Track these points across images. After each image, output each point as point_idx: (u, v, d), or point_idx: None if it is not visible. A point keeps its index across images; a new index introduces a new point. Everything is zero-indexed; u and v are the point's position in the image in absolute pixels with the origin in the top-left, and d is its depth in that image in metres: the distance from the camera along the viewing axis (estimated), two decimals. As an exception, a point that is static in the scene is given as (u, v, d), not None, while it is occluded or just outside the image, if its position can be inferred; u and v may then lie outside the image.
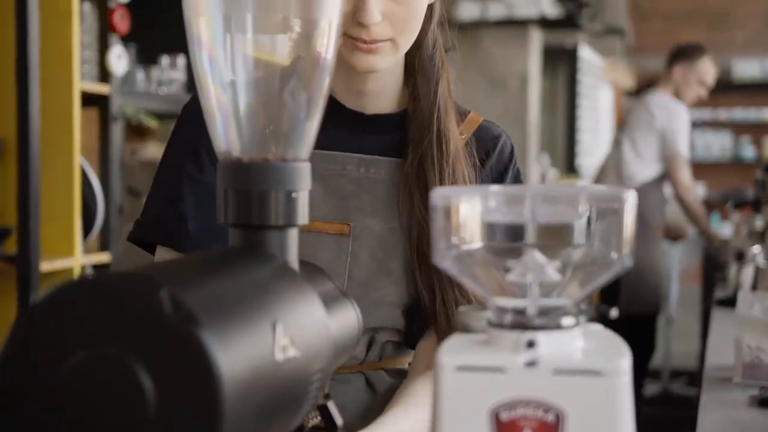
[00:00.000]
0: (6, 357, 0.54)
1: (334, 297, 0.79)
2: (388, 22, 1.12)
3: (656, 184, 4.18)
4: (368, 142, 1.21)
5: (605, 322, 4.18)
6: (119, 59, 2.65)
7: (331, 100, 1.21)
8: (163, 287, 0.54)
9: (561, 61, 7.01)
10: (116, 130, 2.68)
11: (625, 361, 0.60)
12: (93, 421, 0.52)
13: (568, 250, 0.65)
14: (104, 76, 2.66)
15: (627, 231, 0.63)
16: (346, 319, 0.79)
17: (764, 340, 1.83)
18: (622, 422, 0.59)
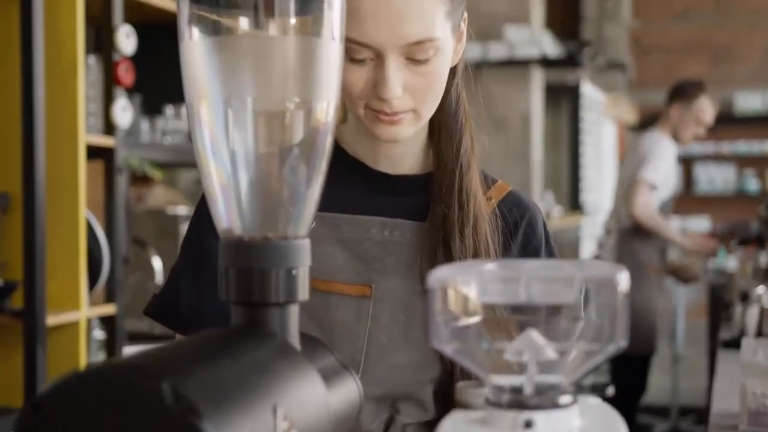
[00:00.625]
0: (12, 451, 0.55)
1: (335, 371, 0.79)
2: (410, 94, 1.11)
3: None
4: (393, 204, 1.21)
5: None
6: (124, 111, 2.68)
7: (358, 163, 1.22)
8: (164, 380, 0.55)
9: (563, 98, 7.05)
10: (121, 182, 2.70)
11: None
12: None
13: (564, 329, 0.66)
14: (109, 128, 2.68)
15: (621, 310, 0.64)
16: (347, 393, 0.79)
17: (769, 386, 1.83)
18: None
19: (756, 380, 1.82)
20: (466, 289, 0.66)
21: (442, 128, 1.21)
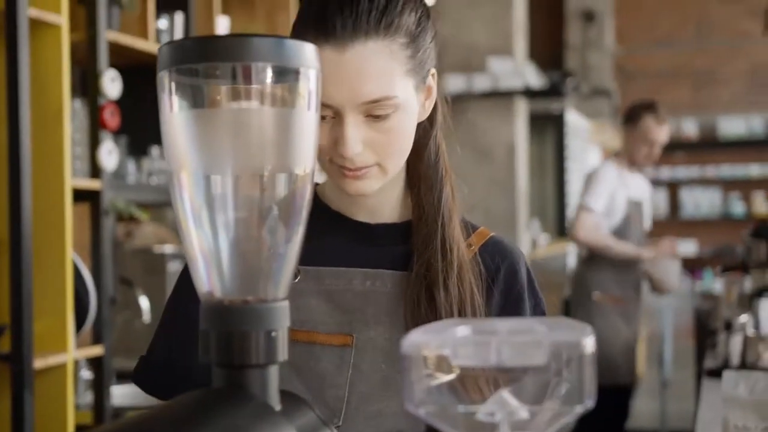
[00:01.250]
0: None
1: (315, 428, 0.82)
2: (371, 150, 1.13)
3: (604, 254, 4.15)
4: (375, 254, 1.22)
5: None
6: (110, 155, 2.70)
7: (339, 216, 1.24)
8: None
9: (548, 127, 7.11)
10: (107, 224, 2.72)
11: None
12: None
13: (535, 390, 0.68)
14: (95, 171, 2.71)
15: (587, 372, 0.67)
16: (327, 450, 0.81)
17: (750, 419, 1.85)
18: None
19: (738, 413, 1.84)
20: (439, 353, 0.68)
21: (422, 180, 1.22)
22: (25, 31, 2.39)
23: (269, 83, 0.76)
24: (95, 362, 2.80)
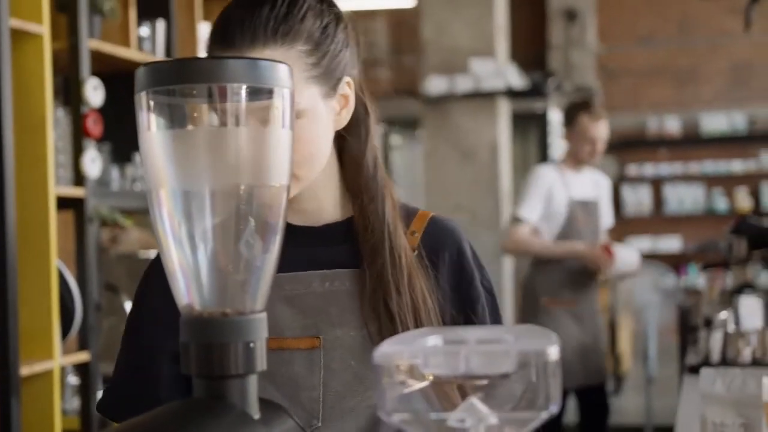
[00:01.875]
0: None
1: (294, 435, 0.84)
2: None
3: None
4: (326, 255, 1.25)
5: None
6: (93, 162, 2.72)
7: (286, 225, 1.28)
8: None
9: (531, 126, 7.15)
10: (92, 232, 2.74)
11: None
12: None
13: (503, 397, 0.71)
14: (79, 179, 2.72)
15: (552, 379, 0.70)
16: (305, 456, 0.84)
17: (727, 416, 1.88)
18: None
19: (715, 409, 1.87)
20: (411, 362, 0.71)
21: (363, 192, 1.25)
22: (7, 42, 2.41)
23: (244, 102, 0.78)
24: (82, 368, 2.82)
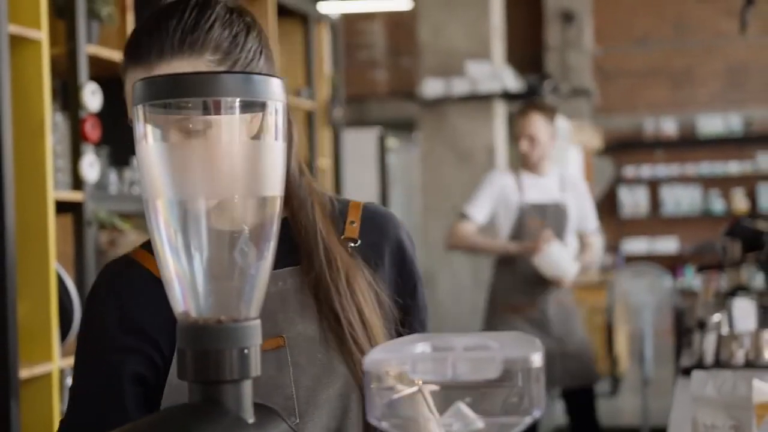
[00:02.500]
0: None
1: (287, 438, 0.86)
2: None
3: (505, 262, 4.07)
4: None
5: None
6: (91, 167, 2.74)
7: None
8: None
9: (528, 128, 7.14)
10: (90, 235, 2.76)
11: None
12: None
13: (489, 402, 0.73)
14: (77, 183, 2.74)
15: (536, 384, 0.72)
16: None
17: (718, 418, 1.90)
18: None
19: (707, 411, 1.89)
20: (399, 369, 0.73)
21: (293, 198, 1.28)
22: (6, 47, 2.43)
23: (238, 116, 0.81)
24: (80, 371, 2.83)
